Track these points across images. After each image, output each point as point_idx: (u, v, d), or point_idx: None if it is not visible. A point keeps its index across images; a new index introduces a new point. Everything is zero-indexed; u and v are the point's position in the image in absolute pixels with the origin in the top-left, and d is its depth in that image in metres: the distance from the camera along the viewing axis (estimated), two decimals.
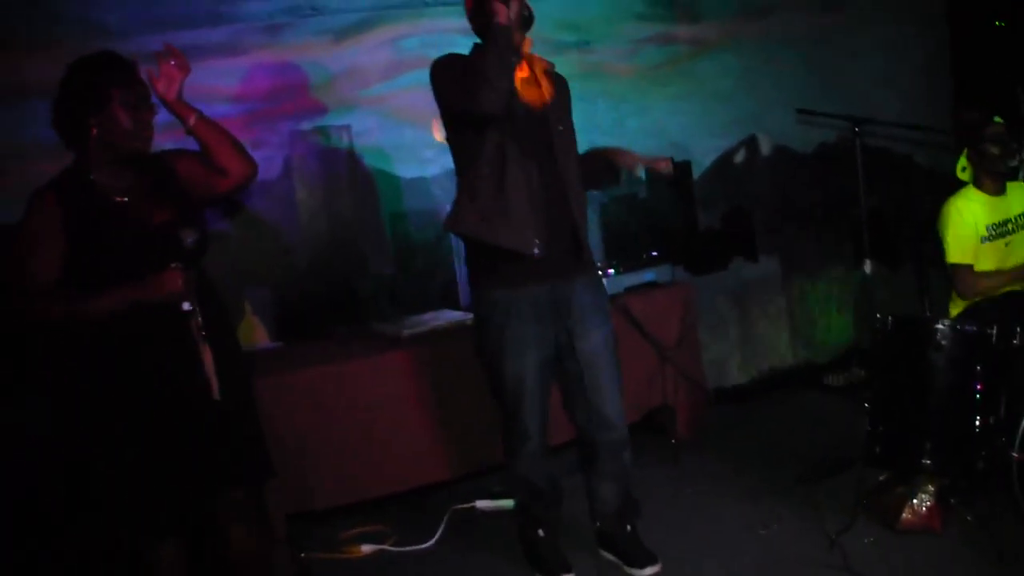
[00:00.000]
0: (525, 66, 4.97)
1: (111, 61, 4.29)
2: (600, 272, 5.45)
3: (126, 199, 4.28)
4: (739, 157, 8.88)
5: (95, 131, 4.20)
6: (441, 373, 6.20)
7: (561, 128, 5.03)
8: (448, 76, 4.83)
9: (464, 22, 7.06)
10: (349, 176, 7.23)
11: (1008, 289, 6.25)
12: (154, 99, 4.34)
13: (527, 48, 4.93)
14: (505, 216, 4.81)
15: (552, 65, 5.16)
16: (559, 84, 5.15)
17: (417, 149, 7.45)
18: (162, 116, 4.39)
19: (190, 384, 4.22)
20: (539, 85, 4.99)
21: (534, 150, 4.89)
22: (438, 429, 6.18)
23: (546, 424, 5.20)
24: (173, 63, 4.32)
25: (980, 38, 9.55)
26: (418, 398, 6.14)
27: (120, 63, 4.29)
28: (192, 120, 4.36)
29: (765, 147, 8.96)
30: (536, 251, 4.83)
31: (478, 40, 5.02)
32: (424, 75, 7.07)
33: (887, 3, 9.35)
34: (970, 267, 6.19)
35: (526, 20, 4.87)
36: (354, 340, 6.60)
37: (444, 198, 7.35)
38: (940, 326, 5.27)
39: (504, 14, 4.67)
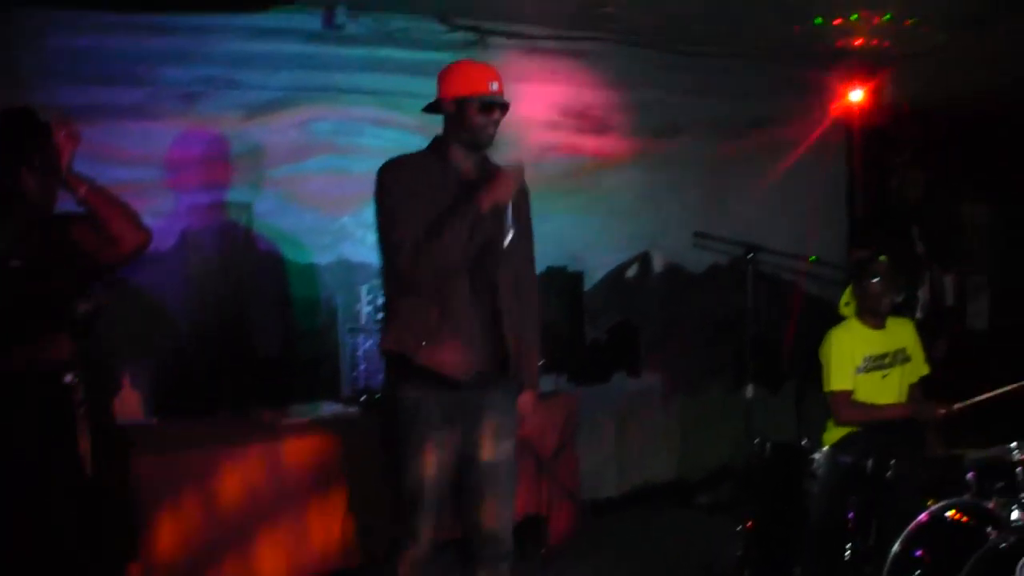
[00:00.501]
0: (469, 169, 4.91)
1: (26, 122, 4.24)
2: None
3: (21, 264, 4.19)
4: (632, 272, 8.94)
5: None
6: (320, 466, 6.11)
7: (510, 241, 4.85)
8: (397, 213, 4.73)
9: (377, 111, 7.18)
10: (244, 255, 7.14)
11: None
12: None
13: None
14: (439, 344, 4.71)
15: (496, 167, 4.97)
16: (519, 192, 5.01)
17: (315, 236, 7.41)
18: None
19: (63, 459, 4.11)
20: (479, 186, 4.80)
21: (478, 266, 4.80)
22: (316, 522, 6.07)
23: (438, 532, 5.01)
24: (64, 133, 4.23)
25: (877, 176, 9.78)
26: (295, 489, 6.03)
27: (34, 126, 4.24)
28: (83, 191, 4.28)
29: (658, 264, 9.05)
30: (466, 379, 4.75)
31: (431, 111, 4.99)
32: (331, 161, 7.20)
33: (791, 135, 9.55)
34: (848, 394, 6.37)
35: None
36: (235, 423, 6.51)
37: (335, 287, 7.41)
38: (816, 455, 5.43)
39: (489, 204, 4.64)
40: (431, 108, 4.98)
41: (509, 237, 4.78)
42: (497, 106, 4.85)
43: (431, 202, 4.70)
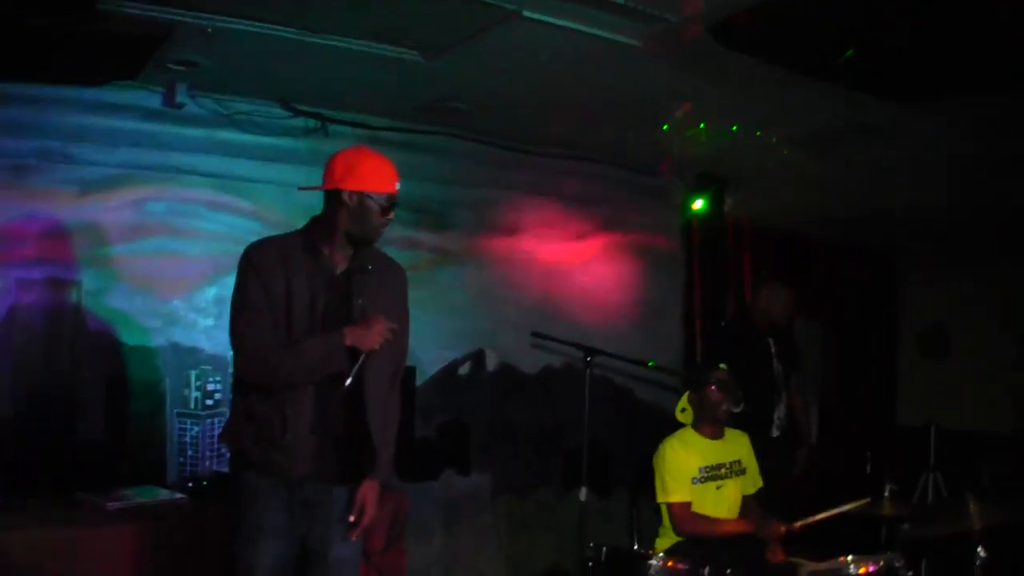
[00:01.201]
0: (339, 261, 4.82)
1: None
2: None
3: None
4: (465, 370, 8.95)
5: None
6: (143, 552, 5.94)
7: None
8: (247, 303, 4.64)
9: (214, 193, 7.13)
10: (71, 334, 6.97)
11: None
12: None
13: None
14: (279, 448, 4.60)
15: (377, 255, 5.04)
16: (383, 275, 5.03)
17: (146, 317, 7.29)
18: None
19: None
20: (348, 278, 4.81)
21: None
22: None
23: None
24: None
25: (715, 284, 9.96)
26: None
27: None
28: None
29: (492, 363, 9.07)
30: (306, 474, 4.64)
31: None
32: (166, 243, 7.15)
33: (629, 241, 9.73)
34: (687, 505, 6.39)
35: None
36: (56, 508, 6.29)
37: (165, 371, 7.30)
38: (653, 561, 5.40)
39: (351, 342, 4.57)
40: (320, 188, 4.83)
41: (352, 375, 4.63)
42: (394, 208, 4.86)
43: (291, 293, 4.62)
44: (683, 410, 6.75)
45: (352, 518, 4.73)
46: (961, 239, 11.14)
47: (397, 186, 4.88)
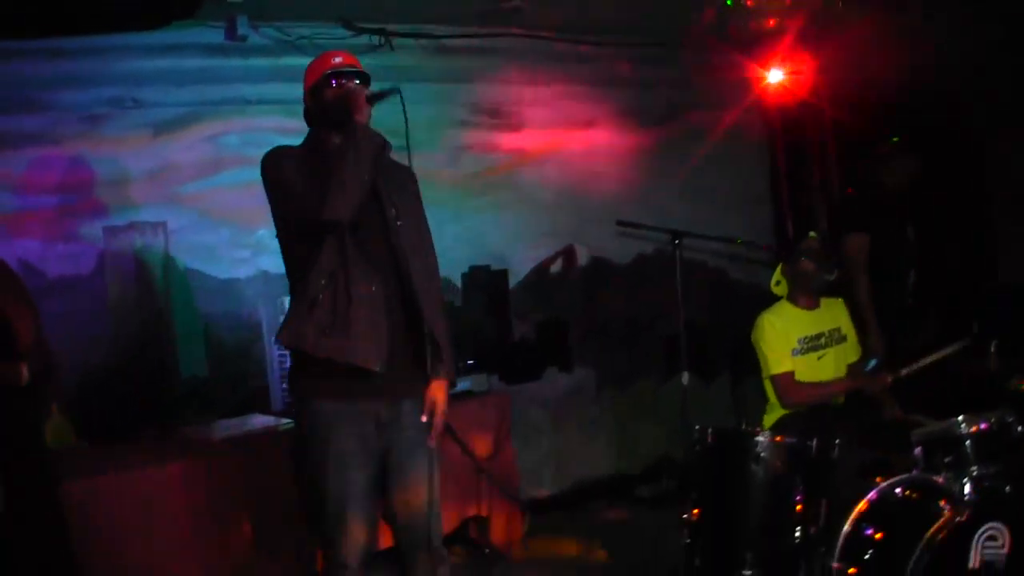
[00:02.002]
0: None
1: None
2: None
3: None
4: (556, 267, 8.92)
5: None
6: (256, 478, 5.95)
7: (401, 222, 4.70)
8: (287, 180, 4.58)
9: (284, 120, 7.10)
10: (162, 274, 7.07)
11: (824, 402, 6.39)
12: None
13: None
14: (346, 332, 4.46)
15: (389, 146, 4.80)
16: (399, 174, 4.93)
17: (233, 249, 7.35)
18: None
19: None
20: (375, 183, 4.64)
21: (376, 252, 4.62)
22: (248, 538, 5.92)
23: (368, 553, 4.69)
24: None
25: (799, 157, 9.79)
26: (228, 505, 5.87)
27: None
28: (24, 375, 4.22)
29: (582, 258, 9.03)
30: (378, 368, 4.49)
31: (308, 123, 4.91)
32: (243, 174, 7.08)
33: (710, 121, 9.47)
34: (791, 375, 6.31)
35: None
36: (163, 443, 6.33)
37: (257, 300, 7.26)
38: (760, 438, 5.30)
39: (368, 114, 4.54)
40: (308, 120, 4.94)
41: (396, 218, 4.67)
42: (347, 75, 4.74)
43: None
44: (777, 283, 6.66)
45: (424, 418, 4.71)
46: None
47: (337, 59, 4.82)
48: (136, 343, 6.96)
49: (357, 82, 4.75)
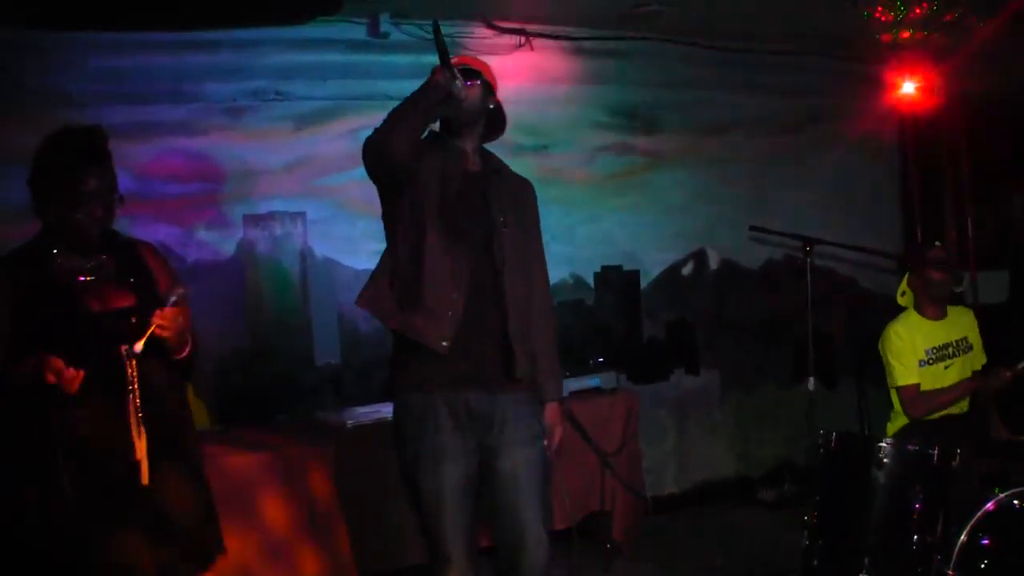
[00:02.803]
0: (472, 158, 4.63)
1: (87, 145, 4.08)
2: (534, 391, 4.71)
3: (91, 278, 4.08)
4: (687, 270, 8.84)
5: (61, 211, 4.01)
6: (385, 464, 5.76)
7: (507, 228, 4.55)
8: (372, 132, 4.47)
9: None
10: (300, 263, 7.11)
11: (944, 412, 6.24)
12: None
13: (471, 95, 4.50)
14: (417, 303, 4.35)
15: (509, 168, 4.79)
16: (517, 184, 4.78)
17: (369, 241, 7.08)
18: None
19: (118, 466, 3.95)
20: (488, 183, 4.60)
21: (468, 243, 4.46)
22: (377, 523, 5.93)
23: (471, 545, 4.54)
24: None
25: (930, 167, 9.59)
26: (357, 490, 5.88)
27: (94, 149, 4.08)
28: (186, 352, 4.19)
29: (713, 261, 8.94)
30: (444, 345, 4.33)
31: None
32: None
33: (843, 129, 9.37)
34: (917, 387, 6.19)
35: (494, 114, 4.66)
36: (299, 429, 6.40)
37: None
38: (883, 444, 5.21)
39: (438, 73, 4.39)
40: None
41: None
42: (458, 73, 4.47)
43: (437, 179, 4.45)
44: (903, 293, 6.53)
45: (545, 442, 4.62)
46: None
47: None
48: (272, 330, 7.01)
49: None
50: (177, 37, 6.60)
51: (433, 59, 7.25)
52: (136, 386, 3.93)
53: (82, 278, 4.07)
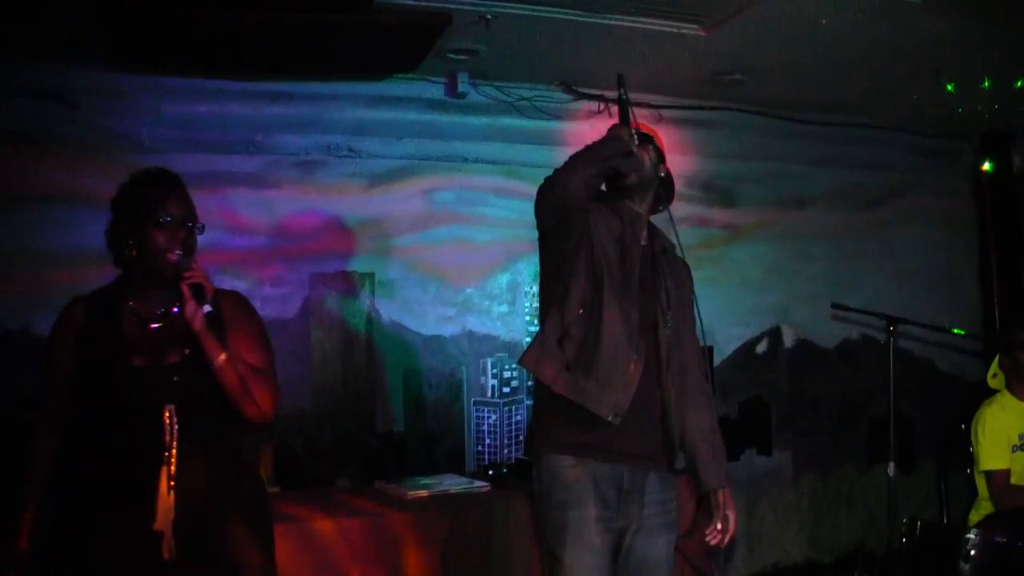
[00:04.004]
0: (645, 228, 4.40)
1: (154, 179, 3.92)
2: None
3: (160, 326, 3.86)
4: (761, 347, 8.52)
5: (134, 252, 3.82)
6: (445, 540, 5.63)
7: (671, 317, 4.30)
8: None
9: (499, 180, 7.13)
10: (367, 325, 6.93)
11: None
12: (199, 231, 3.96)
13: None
14: (590, 368, 4.02)
15: (673, 246, 4.58)
16: (679, 267, 4.56)
17: (439, 306, 7.17)
18: None
19: (140, 536, 3.67)
20: (657, 261, 4.37)
21: (640, 310, 4.13)
22: None
23: None
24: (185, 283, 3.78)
25: (1010, 245, 9.27)
26: (418, 566, 5.56)
27: (161, 181, 3.92)
28: (220, 359, 3.81)
29: (788, 339, 8.61)
30: (615, 416, 3.99)
31: None
32: (455, 231, 7.17)
33: (919, 204, 9.17)
34: (1007, 473, 5.83)
35: (664, 183, 4.51)
36: (358, 496, 6.10)
37: (460, 359, 7.18)
38: (970, 535, 4.98)
39: (619, 129, 4.29)
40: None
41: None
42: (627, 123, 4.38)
43: (616, 241, 4.19)
44: (994, 375, 6.16)
45: (719, 526, 4.27)
46: None
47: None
48: (336, 392, 6.81)
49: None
50: (253, 87, 6.55)
51: (511, 122, 7.21)
52: (174, 449, 3.70)
53: (154, 325, 3.85)
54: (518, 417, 7.19)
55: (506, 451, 7.05)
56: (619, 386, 4.03)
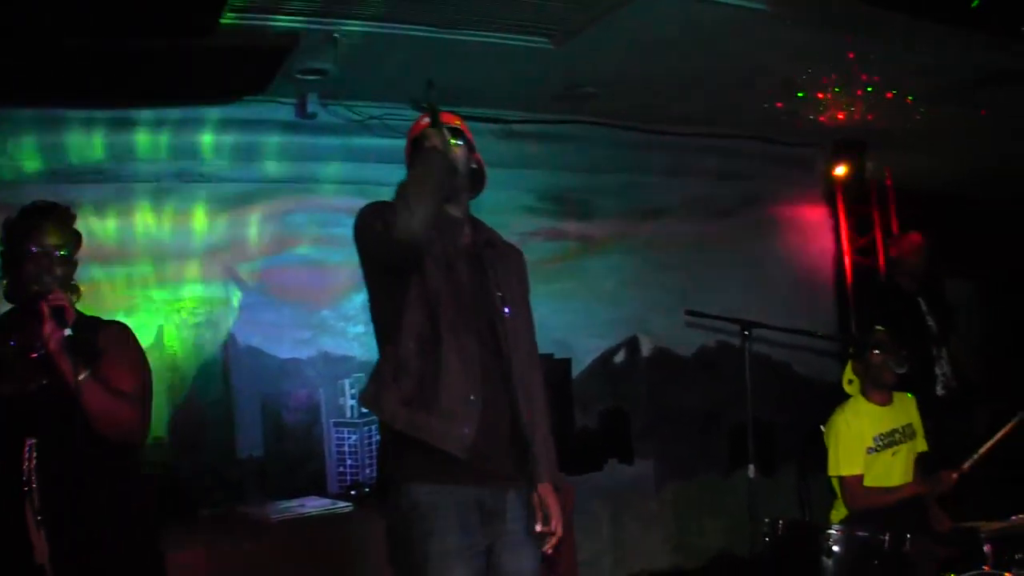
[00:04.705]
0: (465, 229, 4.28)
1: (31, 211, 4.07)
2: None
3: (39, 356, 3.88)
4: (619, 357, 8.73)
5: (16, 268, 3.97)
6: (311, 561, 5.78)
7: (508, 308, 4.20)
8: (369, 212, 4.01)
9: (353, 200, 6.92)
10: (223, 351, 6.95)
11: None
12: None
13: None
14: (433, 406, 3.93)
15: (498, 235, 4.47)
16: (509, 254, 4.47)
17: (295, 329, 7.22)
18: None
19: (23, 570, 3.74)
20: (485, 256, 4.25)
21: (475, 330, 4.09)
22: None
23: None
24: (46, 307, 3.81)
25: (864, 250, 9.64)
26: None
27: (36, 212, 4.06)
28: (78, 379, 3.80)
29: (646, 348, 8.84)
30: (462, 452, 3.94)
31: None
32: (309, 253, 7.13)
33: (775, 213, 9.51)
34: (860, 478, 6.09)
35: (476, 175, 4.39)
36: (221, 523, 6.23)
37: (317, 381, 7.23)
38: (832, 531, 5.19)
39: (434, 138, 4.00)
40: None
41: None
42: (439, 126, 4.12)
43: (441, 261, 4.07)
44: (850, 381, 6.45)
45: (539, 527, 4.17)
46: None
47: (425, 120, 4.24)
48: (194, 420, 6.81)
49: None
50: (100, 114, 6.48)
51: (363, 141, 7.25)
52: (34, 483, 3.76)
53: (34, 355, 3.87)
54: (378, 436, 7.21)
55: (367, 471, 7.07)
56: (462, 420, 3.96)
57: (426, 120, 4.23)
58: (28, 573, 3.71)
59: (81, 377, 3.77)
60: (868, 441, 6.13)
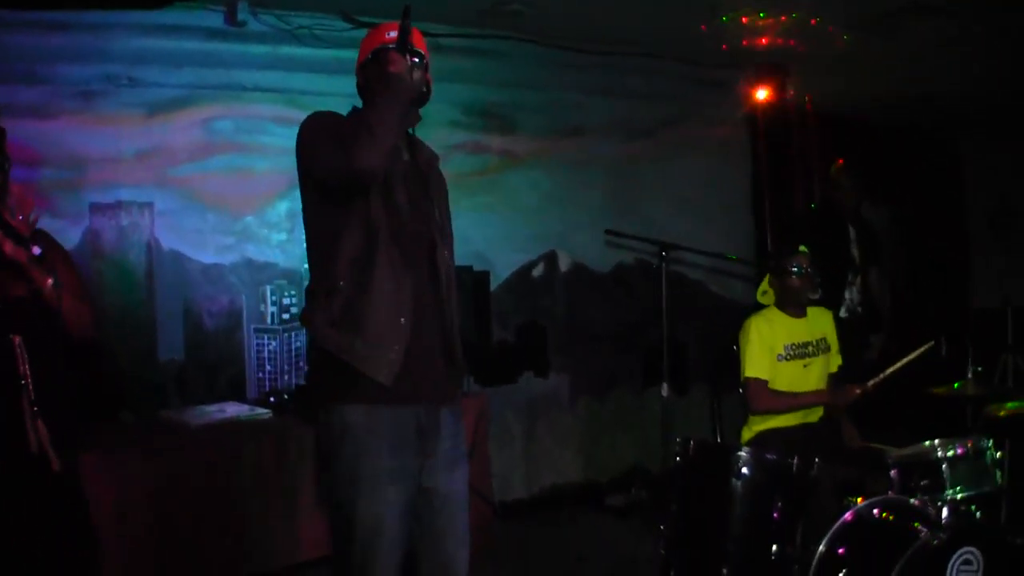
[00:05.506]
0: (403, 150, 4.25)
1: None
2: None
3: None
4: (538, 272, 8.93)
5: None
6: (230, 468, 5.93)
7: (444, 229, 4.31)
8: (320, 130, 4.01)
9: (280, 109, 7.13)
10: (146, 256, 7.04)
11: (801, 420, 6.37)
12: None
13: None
14: (360, 329, 3.95)
15: (437, 157, 4.49)
16: (434, 164, 4.45)
17: (218, 235, 7.32)
18: None
19: (20, 460, 3.97)
20: (424, 177, 4.29)
21: (412, 250, 4.10)
22: (229, 526, 5.88)
23: None
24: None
25: (782, 170, 9.91)
26: (206, 491, 5.82)
27: None
28: (47, 284, 4.05)
29: (564, 264, 9.05)
30: (390, 377, 3.96)
31: (357, 104, 4.30)
32: (234, 160, 7.19)
33: (697, 134, 9.66)
34: (764, 382, 6.28)
35: (422, 96, 4.20)
36: (141, 428, 6.34)
37: (240, 287, 7.35)
38: (741, 453, 5.26)
39: (400, 64, 3.94)
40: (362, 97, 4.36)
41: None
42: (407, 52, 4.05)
43: (380, 185, 4.05)
44: (764, 292, 6.63)
45: (461, 446, 4.30)
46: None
47: (392, 34, 4.15)
48: (116, 323, 6.92)
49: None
50: (29, 16, 6.49)
51: (291, 50, 7.35)
52: (29, 378, 3.98)
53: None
54: (298, 344, 7.36)
55: (286, 377, 7.24)
56: (392, 345, 3.98)
57: (390, 35, 4.17)
58: (26, 463, 3.94)
59: (49, 283, 4.02)
60: (779, 348, 6.32)
